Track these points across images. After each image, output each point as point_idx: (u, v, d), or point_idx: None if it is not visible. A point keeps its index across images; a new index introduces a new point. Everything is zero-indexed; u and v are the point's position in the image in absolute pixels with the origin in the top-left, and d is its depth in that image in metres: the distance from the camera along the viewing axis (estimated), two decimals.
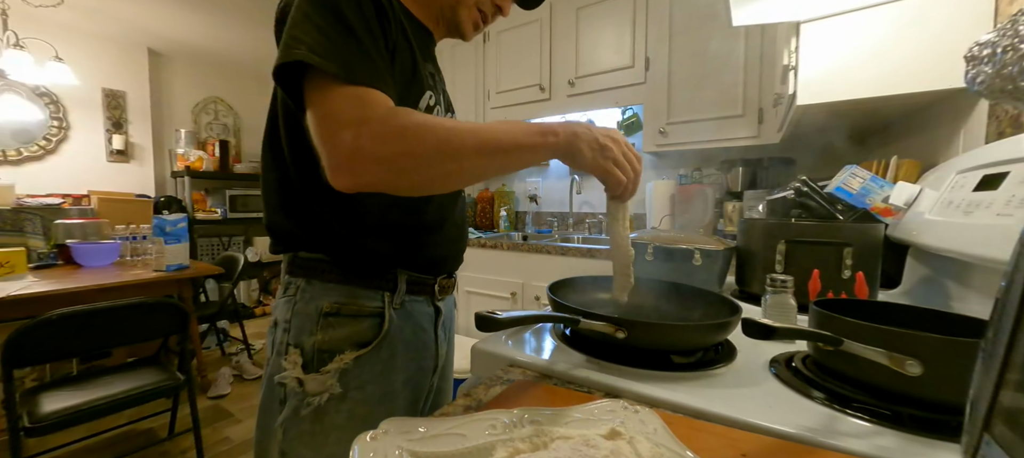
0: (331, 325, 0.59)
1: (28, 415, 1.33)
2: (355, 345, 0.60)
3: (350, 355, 0.59)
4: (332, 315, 0.59)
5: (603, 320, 0.54)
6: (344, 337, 0.59)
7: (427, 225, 0.66)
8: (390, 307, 0.62)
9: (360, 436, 0.33)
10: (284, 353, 0.60)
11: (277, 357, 0.60)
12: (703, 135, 2.01)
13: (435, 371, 0.71)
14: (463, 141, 0.50)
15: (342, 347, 0.59)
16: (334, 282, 0.61)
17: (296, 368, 0.58)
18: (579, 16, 2.34)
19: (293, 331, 0.60)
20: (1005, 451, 0.21)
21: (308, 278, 0.61)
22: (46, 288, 1.75)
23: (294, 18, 0.51)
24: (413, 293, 0.66)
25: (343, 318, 0.60)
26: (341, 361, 0.59)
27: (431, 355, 0.69)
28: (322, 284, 0.61)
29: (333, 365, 0.58)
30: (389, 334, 0.62)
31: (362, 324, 0.60)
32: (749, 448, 0.37)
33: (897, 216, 0.92)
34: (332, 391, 0.58)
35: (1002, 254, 0.52)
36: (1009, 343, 0.21)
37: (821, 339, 0.46)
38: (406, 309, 0.65)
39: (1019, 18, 0.48)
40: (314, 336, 0.59)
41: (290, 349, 0.59)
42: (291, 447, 0.58)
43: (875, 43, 1.06)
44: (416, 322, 0.66)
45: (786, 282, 0.65)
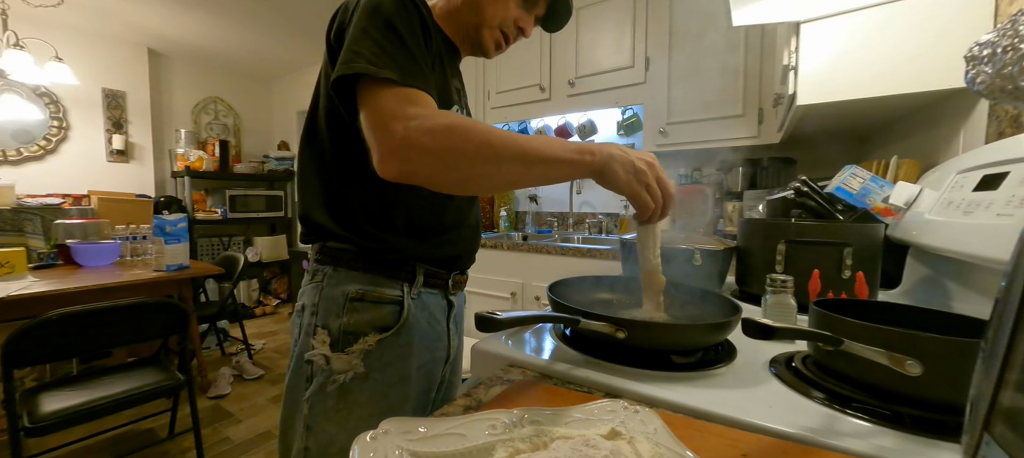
0: (356, 309, 0.64)
1: (28, 415, 1.33)
2: (377, 329, 0.65)
3: (373, 338, 0.64)
4: (357, 300, 0.64)
5: (603, 320, 0.54)
6: (368, 321, 0.64)
7: (446, 225, 0.71)
8: (408, 296, 0.67)
9: (360, 436, 0.33)
10: (313, 333, 0.65)
11: (306, 337, 0.65)
12: (703, 135, 2.01)
13: (447, 361, 0.76)
14: (505, 146, 0.54)
15: (366, 330, 0.64)
16: (359, 270, 0.66)
17: (325, 346, 0.63)
18: (579, 16, 2.34)
19: (321, 314, 0.65)
20: (1005, 451, 0.21)
21: (335, 266, 0.66)
22: (46, 288, 1.75)
23: (354, 34, 0.57)
24: (429, 286, 0.71)
25: (367, 304, 0.65)
26: (365, 343, 0.64)
27: (444, 345, 0.74)
28: (347, 272, 0.66)
29: (358, 346, 0.63)
30: (408, 321, 0.66)
31: (384, 310, 0.65)
32: (749, 448, 0.37)
33: (897, 216, 0.92)
34: (356, 370, 0.63)
35: (1002, 254, 0.52)
36: (1009, 343, 0.21)
37: (821, 339, 0.46)
38: (422, 300, 0.70)
39: (1019, 18, 0.48)
40: (341, 318, 0.64)
41: (318, 330, 0.64)
42: (316, 421, 0.63)
43: (875, 43, 1.06)
44: (431, 313, 0.71)
45: (786, 282, 0.65)
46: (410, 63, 0.57)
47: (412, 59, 0.57)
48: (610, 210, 2.66)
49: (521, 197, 3.02)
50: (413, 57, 0.57)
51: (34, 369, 2.23)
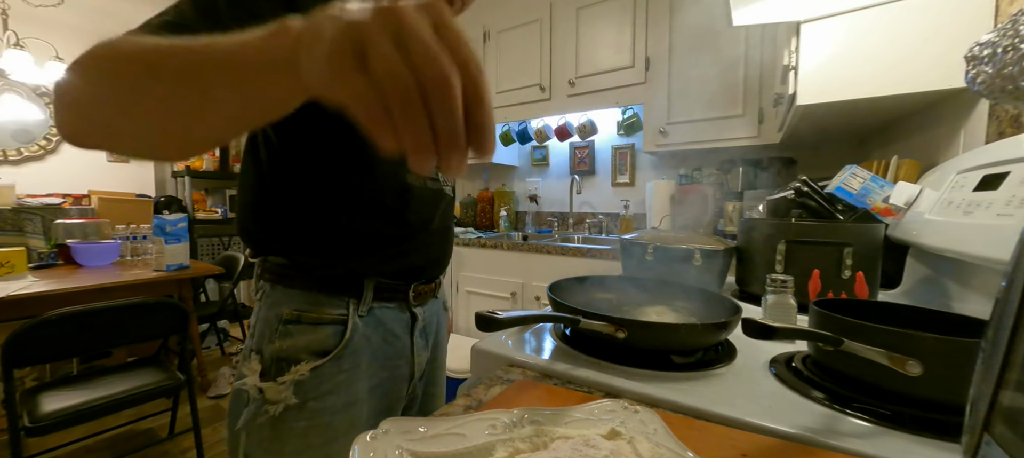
0: (290, 333, 0.57)
1: (28, 415, 1.33)
2: (314, 354, 0.57)
3: (306, 366, 0.56)
4: (292, 322, 0.57)
5: (603, 320, 0.54)
6: (303, 345, 0.57)
7: (401, 234, 0.63)
8: (355, 314, 0.60)
9: (360, 436, 0.33)
10: (247, 358, 0.58)
11: (242, 362, 0.59)
12: (703, 135, 2.01)
13: (413, 379, 0.68)
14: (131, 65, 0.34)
15: (300, 356, 0.57)
16: (298, 289, 0.59)
17: (255, 375, 0.57)
18: (579, 16, 2.34)
19: (256, 337, 0.59)
20: (1005, 451, 0.21)
21: (273, 284, 0.60)
22: (46, 288, 1.75)
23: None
24: (383, 300, 0.63)
25: (303, 326, 0.57)
26: (296, 373, 0.56)
27: (406, 363, 0.67)
28: (286, 290, 0.59)
29: (289, 376, 0.56)
30: (352, 342, 0.59)
31: (322, 332, 0.58)
32: (749, 448, 0.37)
33: (897, 216, 0.92)
34: (288, 401, 0.56)
35: (1002, 254, 0.52)
36: (1009, 343, 0.21)
37: (821, 339, 0.46)
38: (375, 316, 0.62)
39: (1019, 18, 0.48)
40: (273, 343, 0.57)
41: (252, 355, 0.58)
42: (252, 452, 0.57)
43: (875, 43, 1.06)
44: (387, 329, 0.64)
45: (786, 282, 0.65)
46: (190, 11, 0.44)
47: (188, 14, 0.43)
48: (610, 210, 2.66)
49: (521, 197, 3.02)
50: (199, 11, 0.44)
51: (34, 369, 2.23)
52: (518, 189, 3.04)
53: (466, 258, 2.40)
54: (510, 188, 3.04)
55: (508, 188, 3.03)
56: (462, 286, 2.41)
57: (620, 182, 2.63)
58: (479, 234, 2.61)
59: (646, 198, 2.34)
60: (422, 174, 0.41)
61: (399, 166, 0.61)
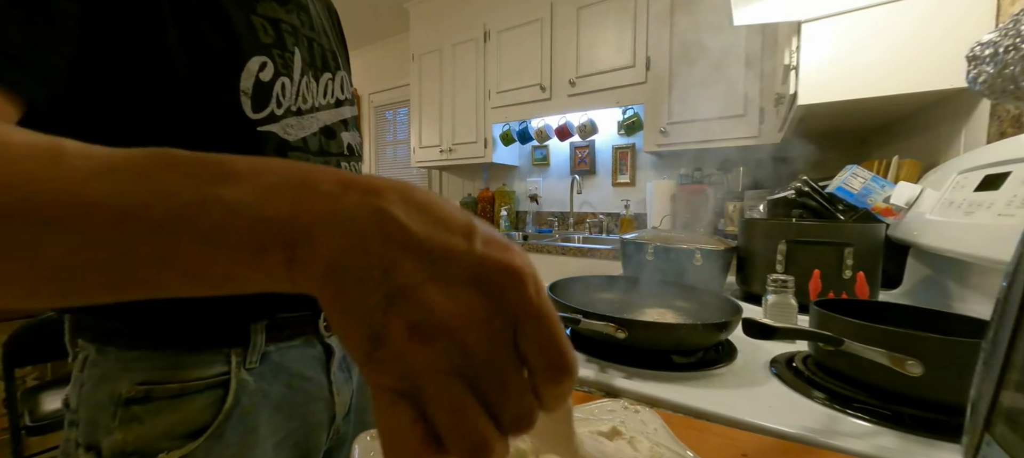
0: (137, 417, 0.39)
1: (29, 414, 1.33)
2: (179, 438, 0.40)
3: (175, 455, 0.39)
4: (137, 402, 0.39)
5: (603, 320, 0.54)
6: (161, 431, 0.39)
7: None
8: (241, 369, 0.43)
9: (360, 436, 0.33)
10: (72, 455, 0.41)
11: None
12: (704, 135, 2.01)
13: (335, 420, 0.52)
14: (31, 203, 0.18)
15: (158, 445, 0.39)
16: (142, 349, 0.40)
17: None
18: (580, 16, 2.34)
19: (83, 426, 0.40)
20: (1006, 451, 0.21)
21: (100, 345, 0.41)
22: None
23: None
24: (282, 340, 0.46)
25: (158, 403, 0.39)
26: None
27: (324, 405, 0.50)
28: (120, 354, 0.40)
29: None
30: (240, 406, 0.42)
31: (191, 406, 0.40)
32: (749, 448, 0.37)
33: (898, 216, 0.92)
34: None
35: (1003, 254, 0.52)
36: (1010, 343, 0.21)
37: (822, 339, 0.46)
38: (272, 362, 0.45)
39: (1021, 18, 0.48)
40: (113, 435, 0.39)
41: (81, 453, 0.40)
42: None
43: (876, 43, 1.06)
44: (292, 373, 0.47)
45: (787, 282, 0.65)
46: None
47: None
48: (611, 210, 2.66)
49: (521, 197, 3.02)
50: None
51: (35, 368, 2.23)
52: (518, 189, 3.04)
53: None
54: (510, 188, 3.04)
55: (508, 188, 3.03)
56: None
57: (620, 182, 2.63)
58: None
59: (646, 198, 2.34)
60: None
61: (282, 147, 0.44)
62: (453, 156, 2.88)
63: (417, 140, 3.05)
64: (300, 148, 0.46)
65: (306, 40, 0.47)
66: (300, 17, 0.47)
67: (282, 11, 0.45)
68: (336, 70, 0.52)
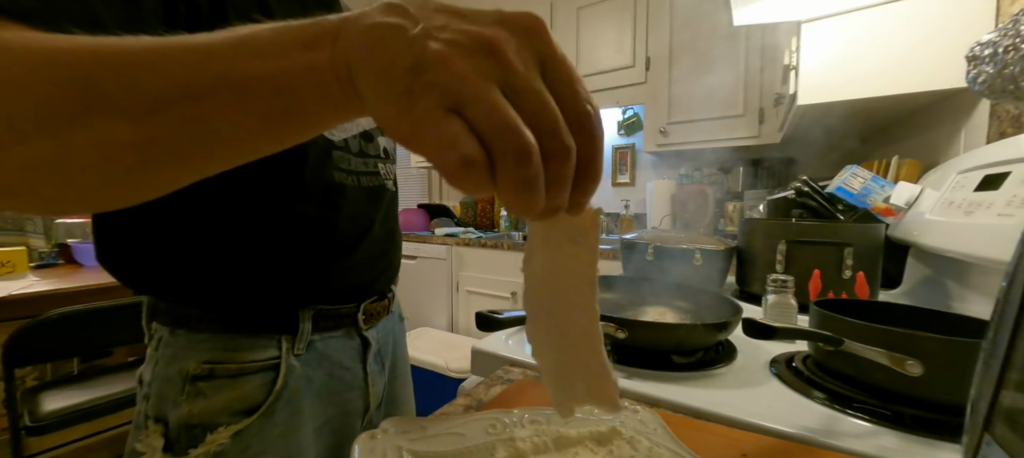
0: (201, 392, 0.44)
1: (29, 414, 1.33)
2: (236, 414, 0.45)
3: (226, 432, 0.44)
4: (202, 379, 0.44)
5: (603, 320, 0.54)
6: (220, 406, 0.44)
7: (336, 248, 0.51)
8: (290, 355, 0.48)
9: (361, 436, 0.33)
10: (142, 427, 0.45)
11: (136, 431, 0.45)
12: (703, 135, 2.01)
13: (369, 410, 0.57)
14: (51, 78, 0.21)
15: (217, 419, 0.44)
16: (207, 332, 0.45)
17: (156, 454, 0.43)
18: (580, 16, 2.34)
19: (154, 399, 0.45)
20: (1006, 451, 0.21)
21: (172, 328, 0.46)
22: (47, 287, 1.76)
23: None
24: (326, 330, 0.51)
25: (219, 381, 0.44)
26: (212, 443, 0.44)
27: (359, 395, 0.55)
28: (191, 335, 0.45)
29: (203, 449, 0.43)
30: (288, 389, 0.47)
31: (247, 386, 0.45)
32: (749, 448, 0.37)
33: (898, 216, 0.92)
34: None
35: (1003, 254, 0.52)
36: (1010, 343, 0.21)
37: (822, 339, 0.46)
38: (316, 351, 0.51)
39: (1020, 18, 0.48)
40: (180, 408, 0.43)
41: (149, 424, 0.44)
42: None
43: (876, 43, 1.06)
44: (333, 362, 0.52)
45: (786, 282, 0.65)
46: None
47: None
48: (611, 210, 2.66)
49: None
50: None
51: (35, 368, 2.23)
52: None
53: (466, 258, 2.40)
54: None
55: None
56: (462, 286, 2.41)
57: (620, 182, 2.63)
58: (479, 234, 2.61)
59: (646, 198, 2.34)
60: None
61: (323, 160, 0.48)
62: None
63: None
64: (342, 148, 0.51)
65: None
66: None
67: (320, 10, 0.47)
68: None
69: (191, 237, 0.45)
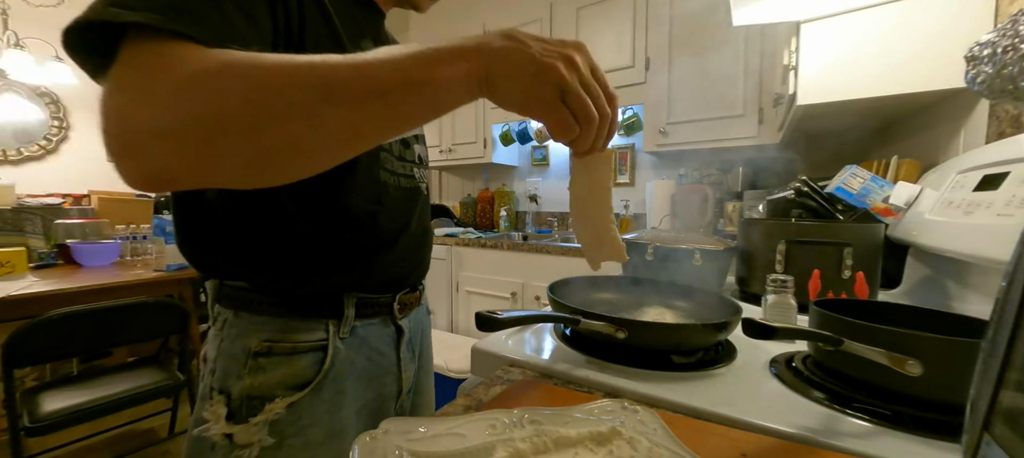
0: (261, 367, 0.50)
1: (28, 415, 1.33)
2: (290, 388, 0.51)
3: (281, 403, 0.50)
4: (262, 355, 0.51)
5: (603, 320, 0.54)
6: (277, 381, 0.51)
7: (378, 241, 0.57)
8: (335, 337, 0.54)
9: (360, 436, 0.33)
10: (207, 398, 0.51)
11: (202, 402, 0.51)
12: (703, 135, 2.01)
13: (401, 394, 0.64)
14: (297, 84, 0.33)
15: (274, 392, 0.50)
16: (266, 315, 0.52)
17: (220, 420, 0.49)
18: (579, 16, 2.34)
19: (219, 374, 0.51)
20: (1005, 451, 0.21)
21: (236, 311, 0.52)
22: (46, 288, 1.75)
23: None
24: (366, 317, 0.57)
25: (276, 358, 0.51)
26: (270, 412, 0.50)
27: (393, 379, 0.62)
28: (252, 317, 0.52)
29: (262, 416, 0.50)
30: (334, 369, 0.54)
31: (299, 363, 0.52)
32: (749, 448, 0.37)
33: (897, 216, 0.92)
34: (264, 443, 0.50)
35: (1002, 254, 0.52)
36: (1009, 343, 0.21)
37: (821, 339, 0.46)
38: (358, 335, 0.57)
39: (1019, 18, 0.48)
40: (242, 381, 0.50)
41: (214, 395, 0.50)
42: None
43: (875, 43, 1.06)
44: (372, 347, 0.59)
45: (786, 282, 0.65)
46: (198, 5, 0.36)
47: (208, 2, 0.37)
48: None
49: (521, 197, 3.02)
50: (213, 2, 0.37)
51: (34, 369, 2.23)
52: (518, 189, 3.04)
53: (466, 258, 2.40)
54: (510, 188, 3.04)
55: (508, 188, 3.03)
56: (462, 286, 2.41)
57: (620, 182, 2.63)
58: (479, 234, 2.61)
59: (646, 198, 2.34)
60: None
61: (372, 160, 0.55)
62: (453, 156, 2.88)
63: None
64: (387, 150, 0.58)
65: None
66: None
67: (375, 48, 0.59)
68: None
69: (261, 228, 0.51)
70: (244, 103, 0.32)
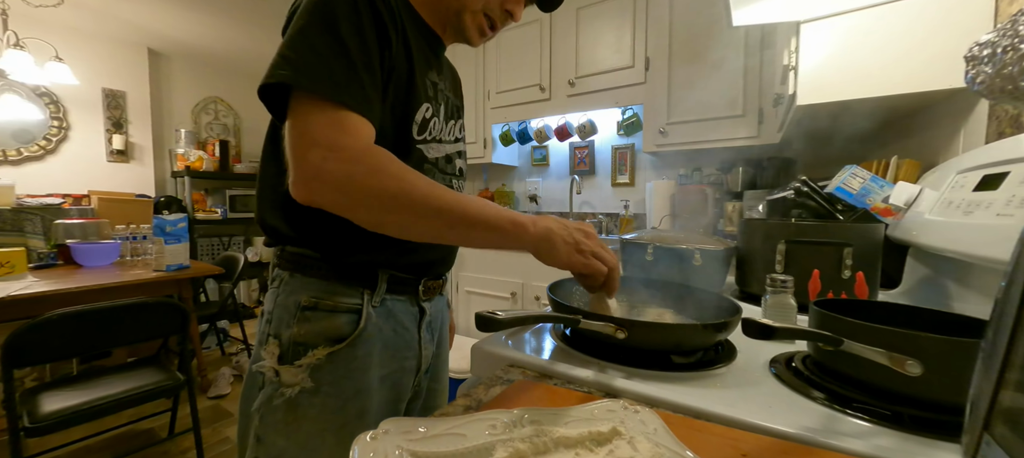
0: (308, 318, 0.60)
1: (28, 415, 1.33)
2: (330, 340, 0.60)
3: (323, 351, 0.60)
4: (309, 309, 0.60)
5: (603, 320, 0.54)
6: (319, 331, 0.60)
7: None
8: (369, 304, 0.63)
9: (360, 436, 0.33)
10: (264, 342, 0.61)
11: (259, 346, 0.62)
12: (703, 135, 2.01)
13: (419, 371, 0.71)
14: (427, 201, 0.52)
15: (317, 341, 0.60)
16: (316, 277, 0.62)
17: (272, 359, 0.60)
18: (579, 16, 2.34)
19: (274, 322, 0.61)
20: (1005, 451, 0.21)
21: (292, 272, 0.62)
22: (46, 288, 1.75)
23: (291, 34, 0.52)
24: (395, 292, 0.66)
25: (320, 312, 0.60)
26: (313, 356, 0.59)
27: (414, 354, 0.69)
28: (304, 278, 0.62)
29: (307, 359, 0.59)
30: (366, 331, 0.62)
31: (339, 319, 0.61)
32: (749, 448, 0.37)
33: (897, 216, 0.92)
34: (304, 385, 0.59)
35: (1002, 254, 0.52)
36: (1009, 343, 0.21)
37: (821, 339, 0.46)
38: (387, 307, 0.65)
39: (1019, 18, 0.48)
40: (292, 329, 0.60)
41: (270, 339, 0.61)
42: (266, 433, 0.60)
43: (875, 43, 1.06)
44: (397, 320, 0.66)
45: (786, 282, 0.65)
46: (347, 79, 0.52)
47: (351, 75, 0.52)
48: (610, 210, 2.66)
49: (521, 197, 3.02)
50: (354, 73, 0.52)
51: (34, 369, 2.23)
52: (518, 189, 3.04)
53: (466, 258, 2.40)
54: (510, 188, 3.04)
55: (508, 188, 3.03)
56: (462, 286, 2.41)
57: (620, 182, 2.63)
58: None
59: (646, 198, 2.34)
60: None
61: (422, 160, 0.65)
62: None
63: None
64: (433, 163, 0.67)
65: (445, 97, 0.71)
66: (443, 82, 0.71)
67: (438, 77, 0.69)
68: (458, 118, 0.76)
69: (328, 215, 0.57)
70: (392, 196, 0.52)
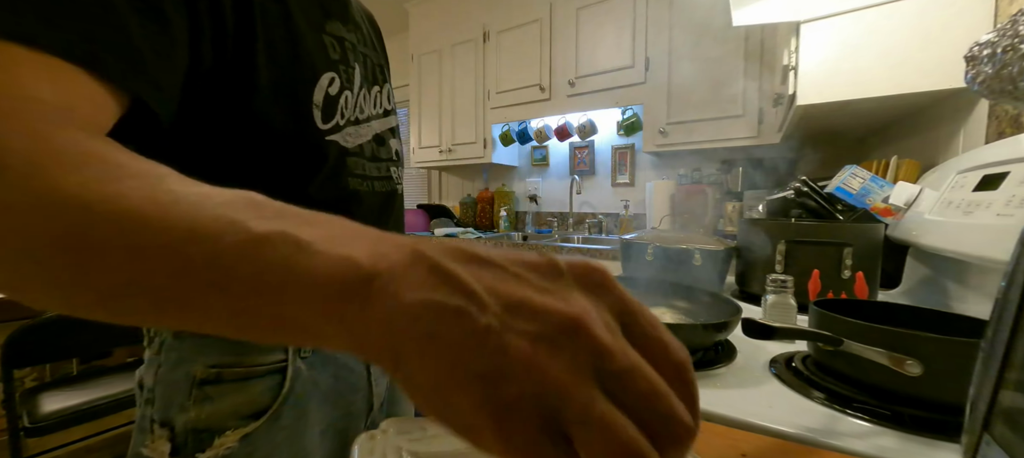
0: (209, 397, 0.43)
1: (28, 415, 1.33)
2: (244, 418, 0.44)
3: (234, 435, 0.44)
4: (210, 383, 0.43)
5: None
6: (229, 411, 0.44)
7: None
8: (296, 357, 0.47)
9: (360, 436, 0.33)
10: (147, 430, 0.44)
11: (140, 435, 0.44)
12: (703, 135, 2.01)
13: (372, 410, 0.57)
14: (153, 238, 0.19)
15: (226, 423, 0.43)
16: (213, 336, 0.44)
17: (162, 456, 0.43)
18: (579, 16, 2.34)
19: (158, 403, 0.44)
20: (1005, 451, 0.21)
21: (176, 332, 0.44)
22: None
23: None
24: None
25: (226, 385, 0.44)
26: (220, 447, 0.43)
27: (363, 396, 0.55)
28: (195, 339, 0.44)
29: (210, 453, 0.43)
30: (294, 392, 0.47)
31: (254, 389, 0.45)
32: (749, 448, 0.37)
33: (897, 216, 0.92)
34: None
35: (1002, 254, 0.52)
36: (1009, 343, 0.21)
37: (821, 339, 0.46)
38: (322, 354, 0.50)
39: (1019, 18, 0.48)
40: (187, 413, 0.43)
41: (155, 428, 0.43)
42: None
43: (875, 43, 1.06)
44: (339, 364, 0.52)
45: (786, 282, 0.65)
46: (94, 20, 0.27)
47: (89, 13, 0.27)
48: (610, 210, 2.66)
49: (521, 197, 3.02)
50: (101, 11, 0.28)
51: (34, 369, 2.23)
52: (518, 189, 3.04)
53: None
54: (510, 188, 3.04)
55: (508, 188, 3.03)
56: None
57: (620, 182, 2.63)
58: (479, 234, 2.61)
59: (646, 198, 2.34)
60: None
61: (338, 168, 0.49)
62: (452, 156, 2.88)
63: (416, 140, 3.05)
64: (357, 154, 0.50)
65: (362, 56, 0.52)
66: (357, 34, 0.52)
67: (345, 29, 0.49)
68: (384, 83, 0.57)
69: None
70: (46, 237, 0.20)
